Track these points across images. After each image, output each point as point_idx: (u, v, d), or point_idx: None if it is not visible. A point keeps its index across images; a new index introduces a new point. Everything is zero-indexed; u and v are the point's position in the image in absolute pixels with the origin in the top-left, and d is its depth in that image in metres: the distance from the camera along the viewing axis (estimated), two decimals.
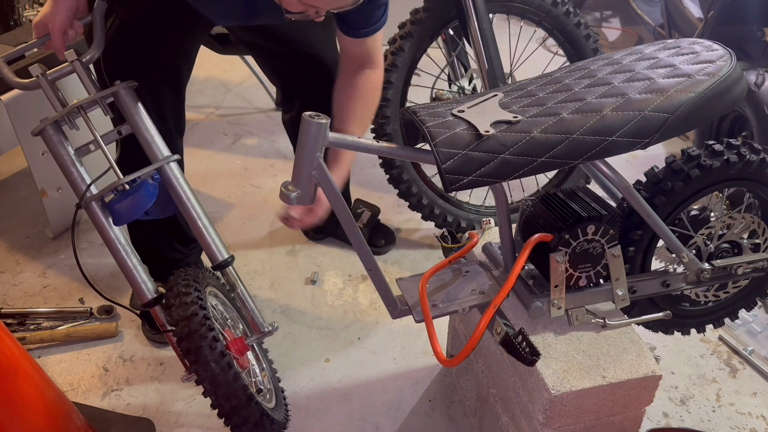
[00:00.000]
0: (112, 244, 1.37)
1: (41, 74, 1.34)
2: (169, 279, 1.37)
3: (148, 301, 1.39)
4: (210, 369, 1.24)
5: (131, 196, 1.34)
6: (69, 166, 1.38)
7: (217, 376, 1.24)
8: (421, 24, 1.97)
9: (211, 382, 1.25)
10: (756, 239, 1.44)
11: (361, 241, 1.23)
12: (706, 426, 1.63)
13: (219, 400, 1.27)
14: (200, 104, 3.10)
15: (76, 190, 1.37)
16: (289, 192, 1.18)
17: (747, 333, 1.87)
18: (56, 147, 1.38)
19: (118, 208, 1.34)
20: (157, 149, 1.40)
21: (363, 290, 2.04)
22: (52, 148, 1.38)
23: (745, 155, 1.31)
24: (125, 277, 1.40)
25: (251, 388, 1.35)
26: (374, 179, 2.54)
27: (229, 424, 1.30)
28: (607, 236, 1.25)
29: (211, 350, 1.24)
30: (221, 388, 1.25)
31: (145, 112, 1.41)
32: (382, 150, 1.18)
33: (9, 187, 2.51)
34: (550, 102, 1.17)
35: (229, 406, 1.28)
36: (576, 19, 2.03)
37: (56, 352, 1.82)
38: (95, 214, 1.36)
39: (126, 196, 1.34)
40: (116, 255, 1.38)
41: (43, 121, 1.36)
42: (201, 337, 1.24)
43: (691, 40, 1.30)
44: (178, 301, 1.29)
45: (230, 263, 1.43)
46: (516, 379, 1.33)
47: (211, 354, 1.24)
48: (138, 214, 1.35)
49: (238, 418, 1.29)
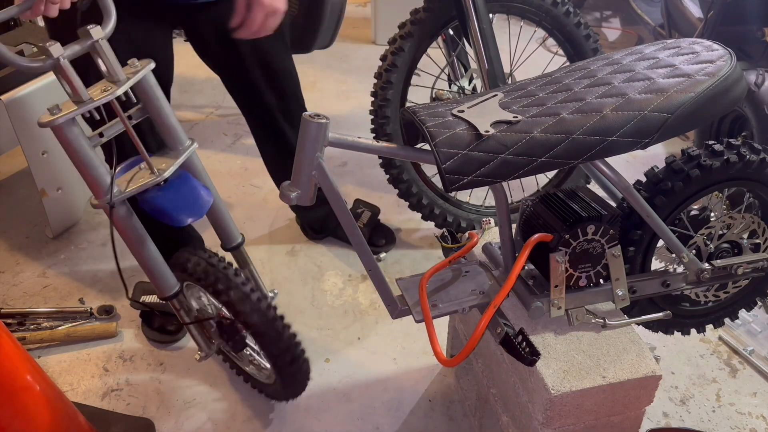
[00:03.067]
0: (137, 240, 1.29)
1: (62, 56, 1.10)
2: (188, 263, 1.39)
3: (170, 294, 1.39)
4: (259, 315, 1.37)
5: (183, 193, 1.26)
6: (92, 160, 1.20)
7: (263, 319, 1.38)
8: (421, 24, 1.97)
9: (260, 326, 1.38)
10: (756, 239, 1.44)
11: (361, 241, 1.23)
12: (706, 426, 1.63)
13: (268, 343, 1.41)
14: (200, 104, 3.10)
15: (100, 186, 1.22)
16: (289, 192, 1.18)
17: (747, 333, 1.87)
18: (77, 140, 1.17)
19: (165, 207, 1.24)
20: (177, 134, 1.30)
21: (363, 290, 2.04)
22: (71, 142, 1.17)
23: (745, 155, 1.31)
24: (146, 272, 1.35)
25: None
26: (374, 179, 2.54)
27: (279, 363, 1.45)
28: (607, 236, 1.25)
29: (259, 301, 1.39)
30: (267, 327, 1.39)
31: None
32: (382, 150, 1.18)
33: (9, 187, 2.51)
34: (550, 102, 1.17)
35: (277, 349, 1.42)
36: (576, 19, 2.03)
37: (56, 352, 1.82)
38: (121, 212, 1.25)
39: (175, 192, 1.25)
40: (139, 251, 1.31)
41: (54, 110, 1.13)
42: (252, 290, 1.38)
43: (691, 40, 1.30)
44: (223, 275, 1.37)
45: (242, 244, 1.52)
46: (516, 379, 1.33)
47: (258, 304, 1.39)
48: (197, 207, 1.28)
49: (285, 358, 1.45)
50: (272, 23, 1.42)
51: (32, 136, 2.05)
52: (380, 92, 2.00)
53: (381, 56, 2.03)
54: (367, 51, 3.65)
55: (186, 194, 1.28)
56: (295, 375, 1.49)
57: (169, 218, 1.25)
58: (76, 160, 1.19)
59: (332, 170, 2.33)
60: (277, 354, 1.43)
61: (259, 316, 1.38)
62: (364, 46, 3.71)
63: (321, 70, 3.43)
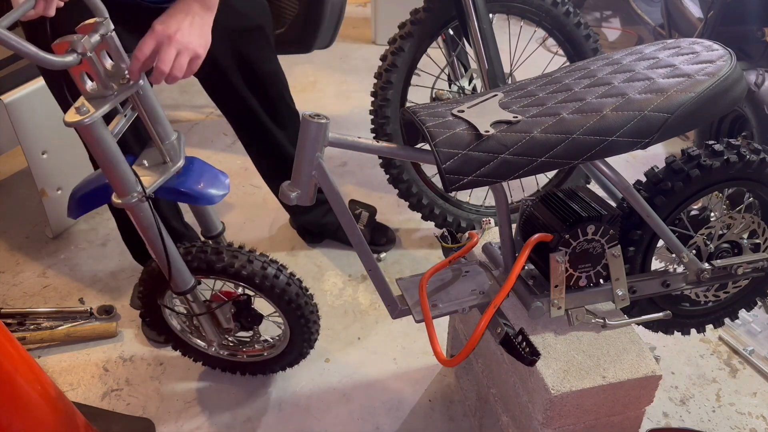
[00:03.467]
0: (158, 234, 1.29)
1: (90, 49, 1.05)
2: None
3: (187, 289, 1.41)
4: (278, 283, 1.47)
5: (203, 174, 1.30)
6: (120, 156, 1.17)
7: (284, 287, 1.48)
8: (421, 24, 1.97)
9: (281, 293, 1.48)
10: (756, 239, 1.44)
11: (361, 241, 1.23)
12: (706, 426, 1.63)
13: (288, 308, 1.51)
14: (200, 104, 3.10)
15: (126, 184, 1.20)
16: (289, 192, 1.18)
17: (747, 333, 1.87)
18: (106, 137, 1.14)
19: (195, 189, 1.28)
20: (168, 126, 1.30)
21: (363, 290, 2.04)
22: (101, 140, 1.14)
23: (745, 155, 1.31)
24: (163, 266, 1.34)
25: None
26: (374, 179, 2.54)
27: (297, 319, 1.53)
28: (607, 236, 1.25)
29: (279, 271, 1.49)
30: (285, 294, 1.48)
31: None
32: (382, 150, 1.18)
33: (9, 187, 2.51)
34: (550, 102, 1.17)
35: (298, 310, 1.52)
36: (576, 19, 2.03)
37: (56, 352, 1.82)
38: (146, 207, 1.24)
39: (197, 175, 1.30)
40: (161, 246, 1.31)
41: (82, 110, 1.10)
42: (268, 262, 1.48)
43: (691, 40, 1.30)
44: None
45: (223, 232, 1.55)
46: (516, 379, 1.33)
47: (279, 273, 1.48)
48: (221, 183, 1.33)
49: (304, 314, 1.54)
50: (193, 66, 1.21)
51: (32, 136, 2.05)
52: (380, 92, 2.00)
53: (381, 56, 2.03)
54: (367, 51, 3.65)
55: (206, 174, 1.32)
56: (307, 321, 1.56)
57: (200, 199, 1.28)
58: (105, 158, 1.16)
59: (332, 170, 2.33)
60: (289, 300, 1.49)
61: (272, 275, 1.47)
62: (364, 46, 3.71)
63: (321, 70, 3.43)
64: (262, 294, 1.50)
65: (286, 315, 1.54)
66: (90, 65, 1.09)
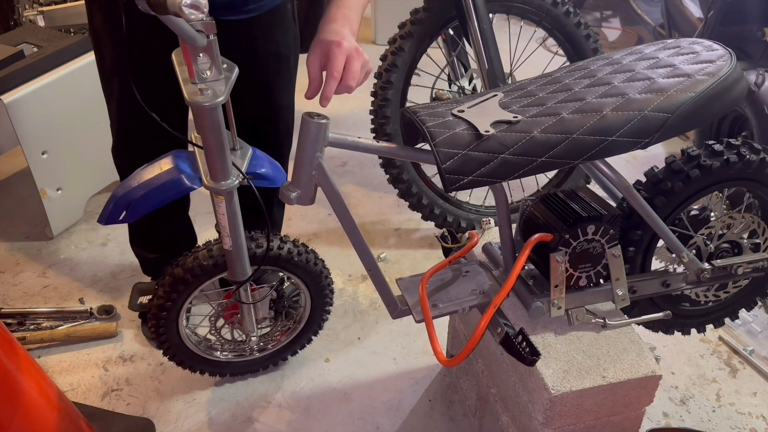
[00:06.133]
0: (239, 221, 1.30)
1: (213, 33, 1.08)
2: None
3: (245, 278, 1.41)
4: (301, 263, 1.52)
5: (264, 158, 1.36)
6: (226, 139, 1.21)
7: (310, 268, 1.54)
8: (421, 24, 1.97)
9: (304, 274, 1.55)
10: (756, 239, 1.44)
11: (361, 241, 1.24)
12: (706, 426, 1.63)
13: (310, 285, 1.58)
14: None
15: (225, 168, 1.21)
16: (289, 192, 1.18)
17: (747, 333, 1.87)
18: (219, 120, 1.17)
19: (269, 173, 1.34)
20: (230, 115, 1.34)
21: (363, 290, 2.04)
22: (215, 122, 1.16)
23: (745, 155, 1.31)
24: (234, 254, 1.34)
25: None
26: (374, 179, 2.54)
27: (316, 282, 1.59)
28: (607, 236, 1.25)
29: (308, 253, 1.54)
30: (308, 274, 1.55)
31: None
32: (382, 150, 1.18)
33: (9, 187, 2.51)
34: (550, 102, 1.17)
35: (317, 285, 1.59)
36: (576, 19, 2.03)
37: (56, 352, 1.82)
38: (236, 193, 1.26)
39: (262, 159, 1.35)
40: (239, 232, 1.32)
41: (207, 93, 1.12)
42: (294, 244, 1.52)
43: (691, 40, 1.30)
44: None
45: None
46: (516, 379, 1.33)
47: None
48: (280, 169, 1.40)
49: (321, 289, 1.61)
50: (365, 78, 1.25)
51: (32, 136, 2.05)
52: (380, 92, 2.00)
53: (381, 56, 2.03)
54: (367, 51, 3.63)
55: (270, 160, 1.38)
56: (324, 290, 1.62)
57: (272, 182, 1.34)
58: (215, 140, 1.17)
59: (332, 170, 2.33)
60: (316, 273, 1.56)
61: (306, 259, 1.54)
62: (364, 46, 3.69)
63: None
64: (296, 275, 1.55)
65: (309, 288, 1.60)
66: (211, 48, 1.10)
